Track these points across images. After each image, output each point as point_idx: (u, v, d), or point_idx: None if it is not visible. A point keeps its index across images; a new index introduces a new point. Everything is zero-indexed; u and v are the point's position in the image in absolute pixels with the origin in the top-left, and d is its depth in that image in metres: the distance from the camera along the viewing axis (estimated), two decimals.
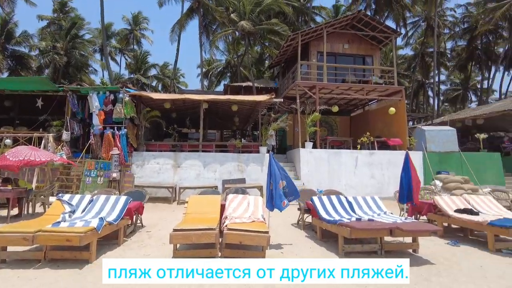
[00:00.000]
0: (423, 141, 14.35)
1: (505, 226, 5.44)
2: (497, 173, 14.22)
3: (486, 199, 7.30)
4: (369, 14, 20.81)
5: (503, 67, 33.68)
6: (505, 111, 16.27)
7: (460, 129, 18.06)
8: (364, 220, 5.49)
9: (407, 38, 35.41)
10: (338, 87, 15.51)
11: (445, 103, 45.71)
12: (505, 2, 26.71)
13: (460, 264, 4.98)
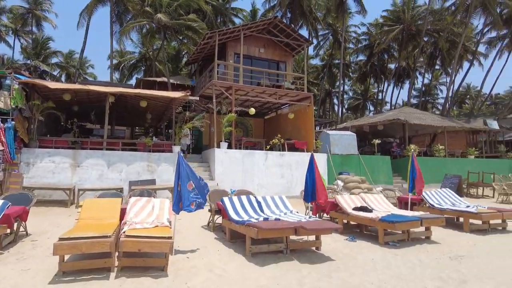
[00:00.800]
0: (328, 144, 15.52)
1: (392, 221, 6.09)
2: (387, 174, 16.19)
3: (379, 197, 8.14)
4: (285, 22, 21.81)
5: (393, 82, 38.75)
6: (394, 120, 18.65)
7: (359, 135, 20.07)
8: (271, 219, 5.57)
9: (317, 49, 38.25)
10: (254, 90, 15.81)
11: (348, 111, 50.65)
12: (396, 27, 30.78)
13: (356, 258, 5.38)
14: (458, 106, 52.69)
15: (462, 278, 4.55)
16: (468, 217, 7.43)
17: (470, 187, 16.53)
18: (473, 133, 25.23)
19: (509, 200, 13.71)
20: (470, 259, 5.42)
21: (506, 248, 6.20)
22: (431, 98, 48.21)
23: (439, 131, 22.26)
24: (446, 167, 18.57)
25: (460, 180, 15.84)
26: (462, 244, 6.40)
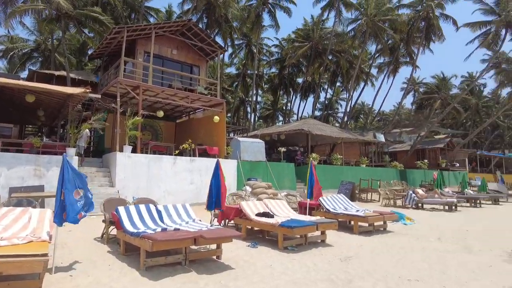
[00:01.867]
0: (239, 151, 15.74)
1: (290, 226, 6.36)
2: (292, 180, 17.14)
3: (281, 202, 8.47)
4: (200, 27, 21.61)
5: (300, 95, 41.62)
6: (298, 130, 19.94)
7: (268, 142, 20.90)
8: (170, 230, 5.28)
9: (233, 57, 38.90)
10: (164, 92, 15.18)
11: (260, 119, 52.58)
12: (305, 44, 33.21)
13: (255, 264, 5.44)
14: (354, 120, 59.20)
15: (349, 278, 4.94)
16: (357, 220, 8.25)
17: (362, 192, 18.52)
18: (365, 145, 28.49)
19: (391, 203, 15.73)
20: (356, 259, 5.96)
21: (385, 246, 7.00)
22: (333, 111, 53.16)
23: (338, 142, 24.57)
24: (342, 174, 20.50)
25: (354, 186, 17.66)
26: (351, 246, 7.03)
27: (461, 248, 7.04)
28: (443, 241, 7.75)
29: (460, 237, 8.17)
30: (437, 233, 8.60)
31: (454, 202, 14.45)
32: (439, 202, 14.54)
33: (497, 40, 28.67)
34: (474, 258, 6.27)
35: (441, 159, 30.51)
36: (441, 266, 5.60)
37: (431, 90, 42.32)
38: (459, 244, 7.40)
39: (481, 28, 28.83)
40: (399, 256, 6.24)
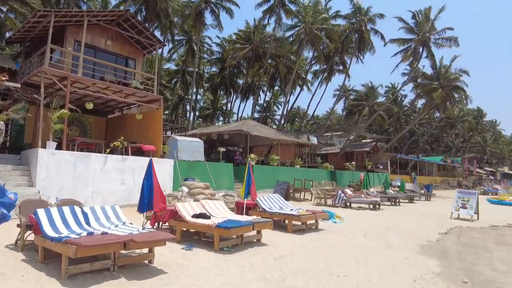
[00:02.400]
0: (176, 150, 15.29)
1: (227, 227, 6.35)
2: (230, 180, 17.16)
3: (218, 203, 8.42)
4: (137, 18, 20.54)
5: (240, 96, 41.97)
6: (238, 130, 20.08)
7: (207, 142, 20.66)
8: (97, 234, 4.90)
9: (172, 53, 37.76)
10: (95, 84, 14.10)
11: (199, 118, 51.82)
12: (246, 46, 33.55)
13: (190, 267, 5.31)
14: (290, 123, 61.50)
15: (283, 276, 5.08)
16: (291, 219, 8.54)
17: (296, 192, 19.26)
18: (300, 146, 29.72)
19: (322, 202, 16.62)
20: (290, 257, 6.16)
21: (316, 244, 7.36)
22: (270, 114, 54.56)
23: (275, 143, 25.26)
24: (278, 174, 21.11)
25: (288, 186, 18.30)
26: (286, 244, 7.25)
27: (383, 244, 7.70)
28: (368, 237, 8.39)
29: (383, 234, 8.94)
30: (363, 231, 9.29)
31: (378, 201, 15.77)
32: (365, 201, 15.76)
33: (416, 56, 32.06)
34: (394, 252, 6.90)
35: (367, 161, 33.10)
36: (366, 261, 6.06)
37: (360, 98, 45.74)
38: (382, 240, 8.09)
39: (403, 44, 32.01)
40: (329, 253, 6.61)
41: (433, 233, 9.46)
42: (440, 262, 6.22)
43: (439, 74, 34.04)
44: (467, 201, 13.09)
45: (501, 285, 5.11)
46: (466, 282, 5.07)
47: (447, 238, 8.79)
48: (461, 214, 13.02)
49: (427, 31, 30.37)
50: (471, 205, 12.91)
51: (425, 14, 30.85)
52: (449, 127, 57.82)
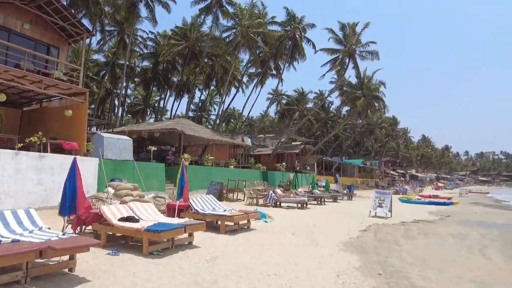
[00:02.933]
0: (101, 148, 14.27)
1: (157, 230, 6.13)
2: (161, 181, 16.58)
3: (147, 205, 8.08)
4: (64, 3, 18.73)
5: (175, 93, 40.81)
6: (171, 129, 19.51)
7: (137, 140, 19.65)
8: (6, 242, 4.35)
9: (102, 44, 35.13)
10: (8, 72, 12.48)
11: (129, 115, 49.04)
12: (181, 43, 32.73)
13: (115, 274, 5.01)
14: (225, 123, 61.64)
15: (215, 278, 5.08)
16: (224, 220, 8.58)
17: (229, 192, 19.37)
18: (234, 147, 29.96)
19: (254, 202, 16.97)
20: (222, 259, 6.18)
21: (248, 244, 7.50)
22: (206, 113, 54.05)
23: (210, 143, 25.10)
24: (212, 175, 21.01)
25: (222, 186, 18.33)
26: (218, 246, 7.25)
27: (310, 241, 8.16)
28: (296, 236, 8.82)
29: (310, 232, 9.46)
30: (292, 229, 9.73)
31: (305, 201, 16.65)
32: (294, 201, 16.51)
33: (343, 66, 34.56)
34: (319, 249, 7.36)
35: (296, 162, 34.69)
36: (294, 259, 6.36)
37: (292, 102, 47.71)
38: (309, 238, 8.57)
39: (332, 54, 34.26)
40: (260, 252, 6.79)
41: (354, 230, 10.31)
42: (360, 257, 6.82)
43: (362, 84, 37.20)
44: (383, 201, 14.53)
45: (407, 274, 5.80)
46: (381, 274, 5.64)
47: (365, 235, 9.65)
48: (378, 212, 14.39)
49: (353, 44, 32.95)
50: (386, 204, 14.36)
51: (352, 27, 33.43)
52: (369, 133, 63.50)
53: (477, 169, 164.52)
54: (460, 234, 10.83)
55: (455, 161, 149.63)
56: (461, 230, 11.87)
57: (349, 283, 5.09)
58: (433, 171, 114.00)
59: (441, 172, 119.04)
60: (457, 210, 20.18)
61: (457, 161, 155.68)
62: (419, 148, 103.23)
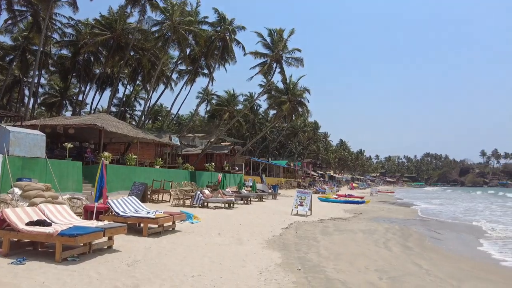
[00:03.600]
0: (6, 143, 12.61)
1: (72, 234, 5.68)
2: (78, 181, 15.27)
3: (61, 208, 7.41)
4: None
5: (96, 86, 37.86)
6: (91, 124, 18.09)
7: (51, 136, 17.79)
8: None
9: (10, 24, 30.89)
10: None
11: (42, 107, 44.02)
12: (106, 33, 30.51)
13: (20, 286, 4.52)
14: (152, 121, 59.13)
15: (136, 282, 4.90)
16: (147, 222, 8.27)
17: (154, 193, 18.67)
18: (161, 146, 28.97)
19: (181, 203, 16.65)
20: (144, 262, 5.98)
21: (172, 246, 7.36)
22: (131, 109, 51.14)
23: (134, 141, 23.85)
24: (136, 175, 20.04)
25: (146, 187, 17.59)
26: (140, 249, 6.98)
27: (235, 240, 8.34)
28: (222, 235, 8.93)
29: (235, 231, 9.66)
30: (218, 229, 9.82)
31: (233, 201, 16.90)
32: (221, 201, 16.63)
33: (270, 71, 35.79)
34: (244, 248, 7.57)
35: (225, 163, 34.91)
36: (219, 259, 6.45)
37: (222, 103, 47.86)
38: (234, 237, 8.75)
39: (260, 58, 35.27)
40: (185, 254, 6.74)
41: (277, 228, 10.81)
42: (281, 253, 7.20)
43: (288, 89, 39.04)
44: (304, 200, 15.48)
45: (323, 267, 6.33)
46: (300, 269, 6.05)
47: (287, 232, 10.20)
48: (299, 211, 15.29)
49: (280, 49, 34.36)
50: (306, 203, 15.32)
51: (279, 34, 34.82)
52: (293, 136, 66.92)
53: (385, 171, 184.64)
54: (369, 230, 12.11)
55: (368, 163, 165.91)
56: (370, 226, 13.27)
57: (271, 279, 5.36)
58: (349, 173, 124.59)
59: (355, 174, 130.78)
60: (368, 208, 22.46)
61: (369, 164, 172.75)
62: (337, 151, 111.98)
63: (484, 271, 7.45)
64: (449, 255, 9.03)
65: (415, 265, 7.18)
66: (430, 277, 6.22)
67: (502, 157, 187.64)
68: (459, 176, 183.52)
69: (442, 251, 9.47)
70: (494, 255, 9.42)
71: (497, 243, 11.28)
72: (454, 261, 8.35)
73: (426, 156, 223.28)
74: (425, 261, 7.57)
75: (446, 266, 7.43)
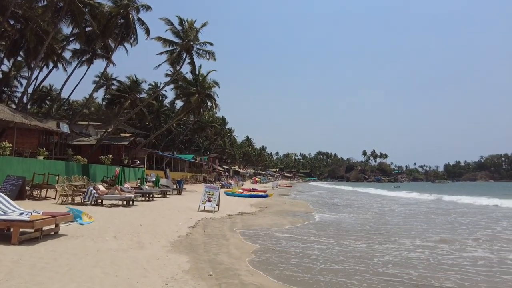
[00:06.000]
0: None
1: None
2: None
3: None
4: None
5: None
6: None
7: None
8: None
9: None
10: None
11: None
12: None
13: None
14: (38, 105, 50.80)
15: None
16: (18, 226, 6.56)
17: (35, 189, 15.76)
18: (46, 134, 24.91)
19: (69, 200, 14.36)
20: (8, 282, 4.56)
21: (53, 256, 5.93)
22: (9, 89, 42.87)
23: (10, 126, 19.85)
24: (11, 167, 16.78)
25: (24, 181, 14.70)
26: (5, 263, 5.39)
27: (135, 244, 7.26)
28: (118, 238, 7.72)
29: (135, 232, 8.51)
30: (114, 231, 8.51)
31: (132, 198, 15.28)
32: (119, 198, 14.86)
33: (179, 60, 34.10)
34: (145, 252, 6.60)
35: (124, 155, 32.02)
36: (115, 268, 5.39)
37: (123, 89, 43.83)
38: (133, 240, 7.64)
39: (169, 46, 33.29)
40: (70, 265, 5.46)
41: (183, 227, 9.99)
42: (189, 257, 6.47)
43: (197, 81, 37.89)
44: (212, 195, 14.90)
45: (236, 271, 5.84)
46: (211, 274, 5.44)
47: (195, 231, 9.48)
48: (206, 207, 14.66)
49: (191, 40, 33.02)
50: (214, 198, 14.78)
51: (190, 24, 33.42)
52: (200, 130, 65.75)
53: (284, 167, 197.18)
54: (276, 224, 12.23)
55: (269, 159, 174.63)
56: (276, 220, 13.46)
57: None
58: (252, 168, 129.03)
59: (258, 169, 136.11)
60: (272, 202, 23.11)
61: (270, 160, 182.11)
62: (242, 147, 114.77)
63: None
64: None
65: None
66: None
67: (378, 157, 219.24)
68: (345, 172, 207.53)
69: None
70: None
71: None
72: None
73: (319, 154, 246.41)
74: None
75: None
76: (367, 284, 5.65)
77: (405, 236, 10.63)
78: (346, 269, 6.51)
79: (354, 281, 5.76)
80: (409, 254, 8.08)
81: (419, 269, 6.66)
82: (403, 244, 9.24)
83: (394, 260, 7.38)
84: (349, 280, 5.80)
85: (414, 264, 7.07)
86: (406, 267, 6.79)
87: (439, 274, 6.40)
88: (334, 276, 6.03)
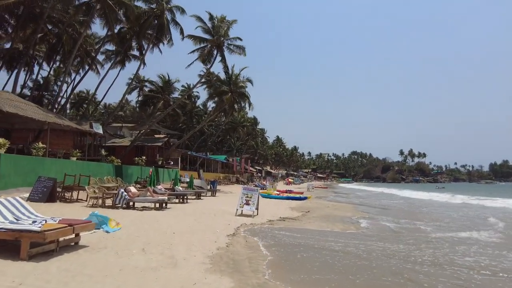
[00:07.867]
0: None
1: None
2: None
3: None
4: None
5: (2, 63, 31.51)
6: None
7: None
8: None
9: None
10: None
11: None
12: None
13: None
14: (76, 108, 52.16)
15: None
16: (28, 238, 5.41)
17: (67, 190, 15.16)
18: (81, 135, 24.78)
19: (99, 203, 13.53)
20: None
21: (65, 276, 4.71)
22: (49, 94, 44.15)
23: (44, 128, 19.64)
24: (44, 168, 16.38)
25: (55, 183, 14.10)
26: (5, 284, 4.26)
27: (166, 260, 5.93)
28: (147, 252, 6.44)
29: (167, 243, 7.22)
30: (143, 241, 7.27)
31: (165, 200, 14.20)
32: (151, 200, 13.84)
33: (210, 58, 33.14)
34: (179, 273, 5.23)
35: (158, 156, 31.55)
36: None
37: (156, 89, 43.73)
38: (165, 254, 6.32)
39: (200, 43, 32.39)
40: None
41: (222, 235, 8.61)
42: (233, 280, 5.02)
43: (230, 79, 36.81)
44: (250, 198, 13.49)
45: None
46: None
47: (235, 241, 8.05)
48: (244, 210, 13.27)
49: (222, 35, 31.91)
50: (253, 202, 13.36)
51: (221, 19, 32.37)
52: (232, 131, 64.99)
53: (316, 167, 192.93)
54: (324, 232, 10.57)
55: (301, 160, 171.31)
56: (325, 226, 11.79)
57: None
58: (284, 168, 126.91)
59: (290, 169, 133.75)
60: (312, 205, 21.33)
61: (302, 160, 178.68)
62: (274, 147, 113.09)
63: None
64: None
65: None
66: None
67: (416, 156, 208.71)
68: (381, 173, 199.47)
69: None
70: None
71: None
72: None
73: (353, 154, 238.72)
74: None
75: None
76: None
77: None
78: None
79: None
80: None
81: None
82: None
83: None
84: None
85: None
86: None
87: None
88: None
